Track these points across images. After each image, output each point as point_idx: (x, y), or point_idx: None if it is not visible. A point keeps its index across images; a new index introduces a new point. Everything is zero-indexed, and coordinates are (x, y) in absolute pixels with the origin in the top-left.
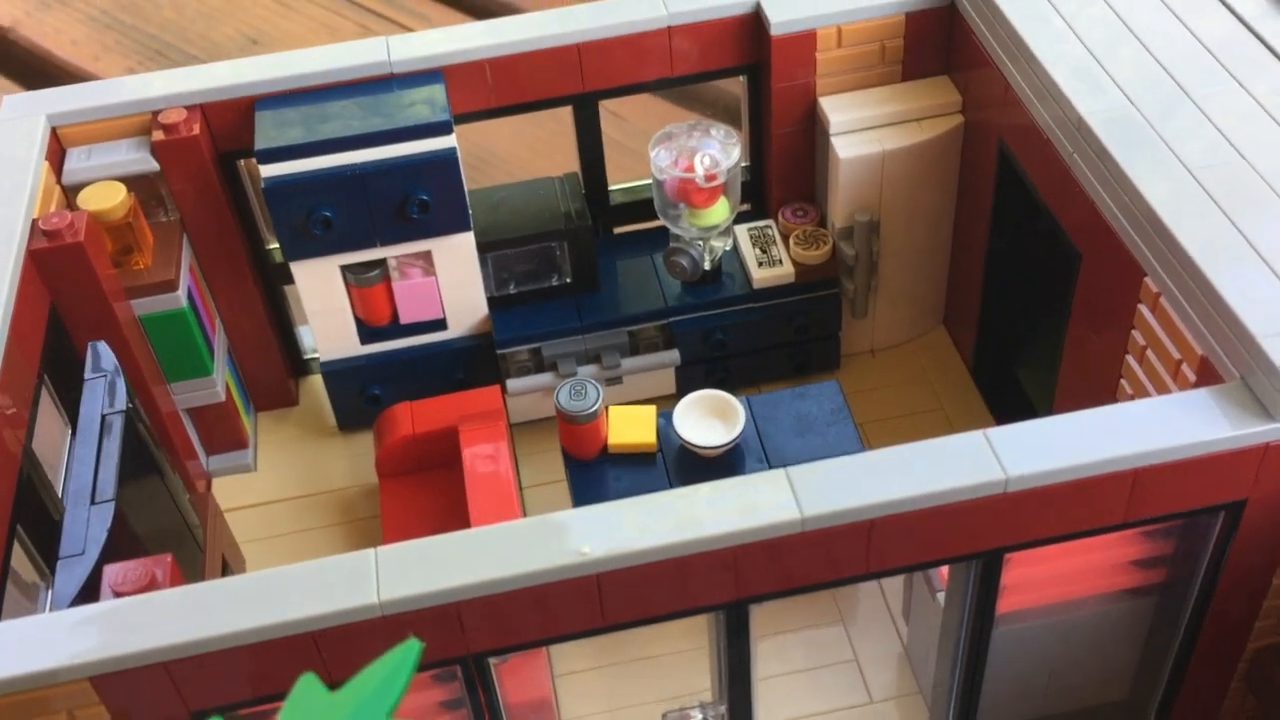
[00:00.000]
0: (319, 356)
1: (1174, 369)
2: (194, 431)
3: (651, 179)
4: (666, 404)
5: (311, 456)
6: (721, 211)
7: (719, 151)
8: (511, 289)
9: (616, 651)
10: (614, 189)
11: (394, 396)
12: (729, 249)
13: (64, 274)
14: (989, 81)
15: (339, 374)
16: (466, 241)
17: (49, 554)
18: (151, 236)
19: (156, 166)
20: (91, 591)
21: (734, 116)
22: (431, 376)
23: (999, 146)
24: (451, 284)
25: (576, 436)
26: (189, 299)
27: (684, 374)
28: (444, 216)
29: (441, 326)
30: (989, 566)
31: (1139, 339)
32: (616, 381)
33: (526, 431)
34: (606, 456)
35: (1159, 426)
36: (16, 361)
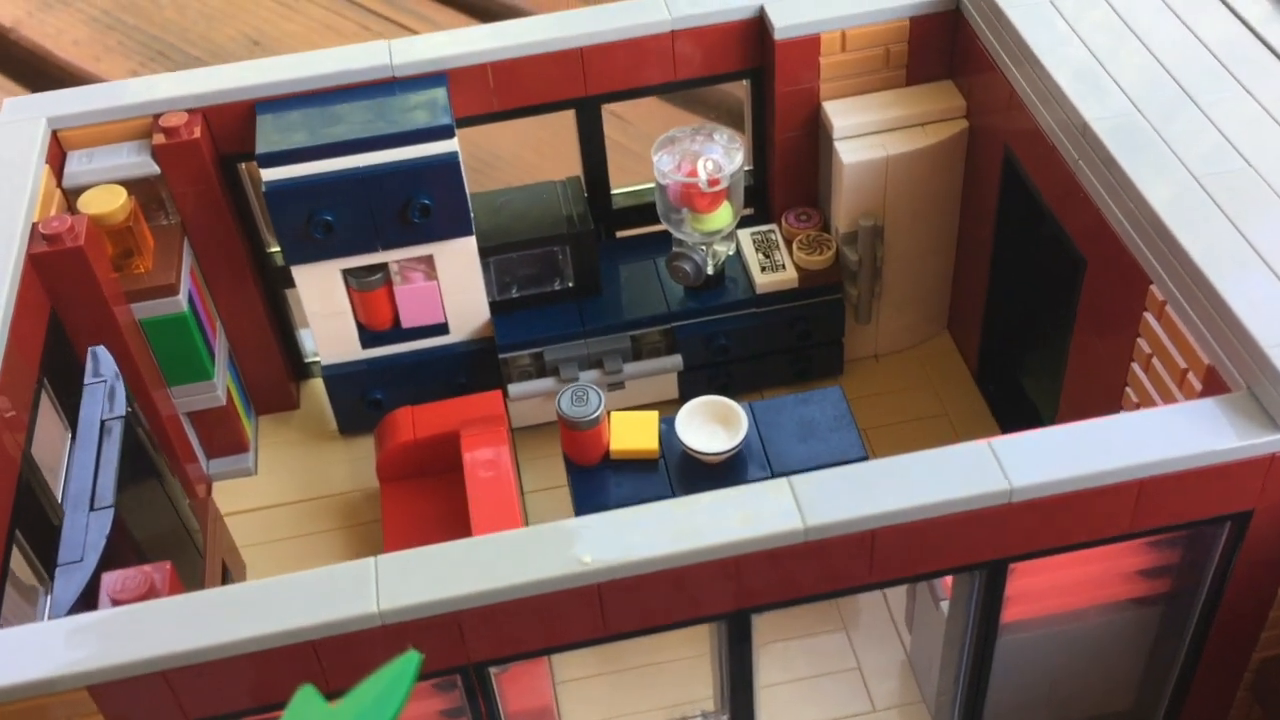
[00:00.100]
0: (320, 360)
1: (1180, 378)
2: (194, 435)
3: (654, 183)
4: (669, 409)
5: (312, 461)
6: (724, 216)
7: (722, 156)
8: (513, 293)
9: (618, 659)
10: (617, 192)
11: (395, 401)
12: (732, 254)
13: (64, 278)
14: (994, 86)
15: (340, 378)
16: (468, 245)
17: (48, 559)
18: (152, 240)
19: (157, 170)
20: (90, 599)
21: (739, 118)
22: (433, 381)
23: (1004, 152)
24: (453, 288)
25: (578, 442)
26: (190, 303)
27: (686, 379)
28: (446, 221)
29: (443, 331)
30: (993, 576)
31: (1145, 347)
32: (618, 386)
33: (528, 436)
34: (608, 462)
35: (1165, 437)
36: (16, 366)
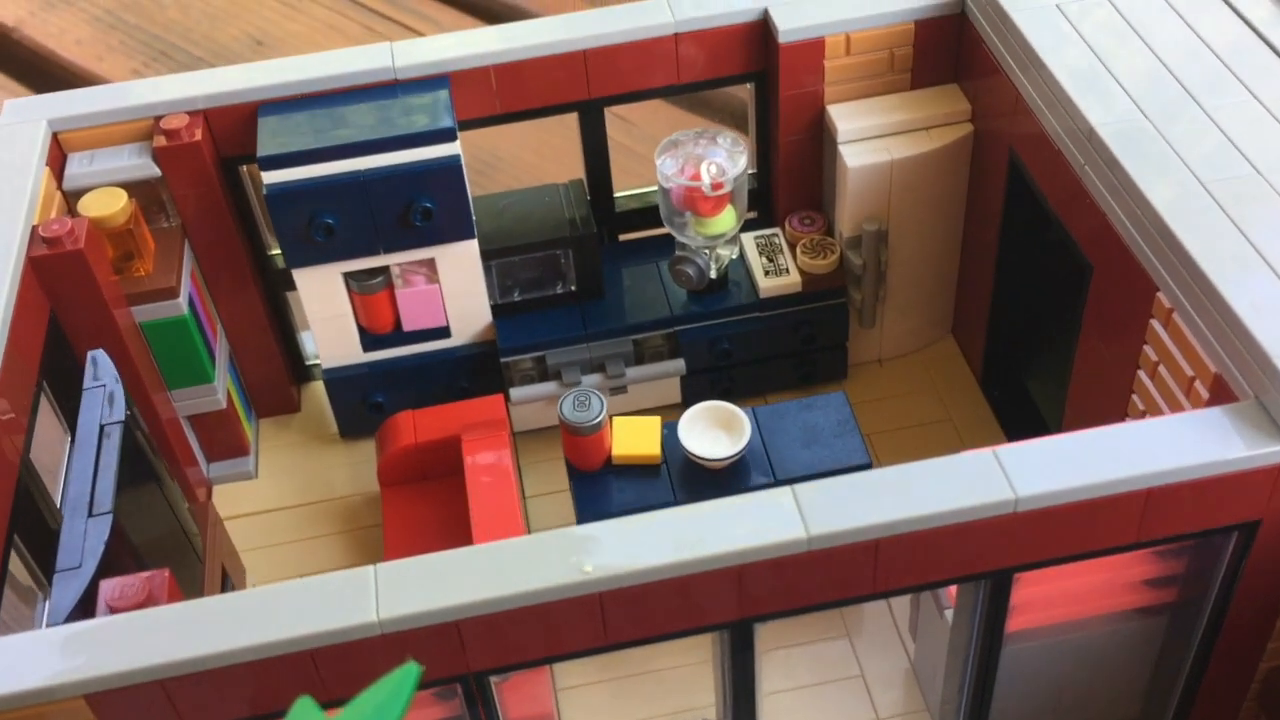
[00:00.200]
0: (321, 363)
1: (1187, 386)
2: (194, 438)
3: (657, 186)
4: (671, 413)
5: (313, 464)
6: (728, 220)
7: (725, 159)
8: (515, 297)
9: (620, 666)
10: (620, 195)
11: (396, 404)
12: (735, 257)
13: (64, 281)
14: (999, 90)
15: (341, 381)
16: (470, 249)
17: (46, 563)
18: (153, 243)
19: (158, 172)
20: (88, 605)
21: (743, 121)
22: (434, 384)
23: (1009, 156)
24: (455, 291)
25: (580, 448)
26: (190, 305)
27: (689, 383)
28: (447, 224)
29: (445, 334)
30: (998, 586)
31: (1151, 354)
32: (621, 390)
33: (530, 440)
34: (610, 468)
35: (1172, 446)
36: (16, 368)
